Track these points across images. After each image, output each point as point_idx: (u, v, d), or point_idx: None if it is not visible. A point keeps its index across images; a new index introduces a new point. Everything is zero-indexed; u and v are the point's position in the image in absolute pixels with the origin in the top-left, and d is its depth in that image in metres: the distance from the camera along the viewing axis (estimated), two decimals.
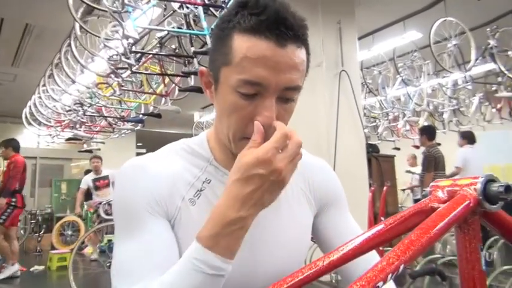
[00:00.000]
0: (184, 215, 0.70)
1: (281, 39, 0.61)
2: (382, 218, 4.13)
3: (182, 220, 0.70)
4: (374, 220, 3.92)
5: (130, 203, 0.68)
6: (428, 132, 4.96)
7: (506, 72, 5.08)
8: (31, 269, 5.44)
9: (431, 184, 0.57)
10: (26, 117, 6.74)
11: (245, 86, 0.63)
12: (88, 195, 6.37)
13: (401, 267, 0.40)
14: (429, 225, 0.45)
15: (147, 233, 0.65)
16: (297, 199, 0.82)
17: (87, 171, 8.53)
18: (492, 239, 3.93)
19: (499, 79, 5.48)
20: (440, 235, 0.45)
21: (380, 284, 0.38)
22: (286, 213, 0.79)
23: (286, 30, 0.61)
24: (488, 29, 5.01)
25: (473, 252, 0.52)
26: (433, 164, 4.69)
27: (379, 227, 0.52)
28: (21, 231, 7.35)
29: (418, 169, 6.02)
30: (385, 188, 4.27)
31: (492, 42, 4.93)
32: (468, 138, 5.75)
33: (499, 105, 6.60)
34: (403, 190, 6.20)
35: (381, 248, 3.04)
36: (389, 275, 0.38)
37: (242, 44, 0.62)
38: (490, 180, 0.51)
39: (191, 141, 0.79)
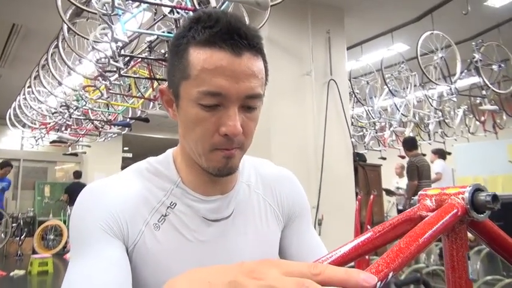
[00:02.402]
0: (148, 240, 0.69)
1: (236, 48, 0.62)
2: (369, 227, 4.15)
3: (146, 245, 0.68)
4: (360, 229, 3.93)
5: (81, 225, 0.66)
6: (407, 144, 5.14)
7: (490, 85, 5.18)
8: (11, 274, 5.32)
9: (419, 193, 0.58)
10: (10, 118, 6.63)
11: (206, 98, 0.63)
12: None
13: (390, 274, 0.39)
14: (418, 233, 0.45)
15: (95, 256, 0.63)
16: (265, 216, 0.81)
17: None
18: (476, 248, 3.98)
19: (483, 92, 5.58)
20: (428, 243, 0.45)
21: None
22: (254, 234, 0.78)
23: (240, 39, 0.62)
24: (473, 43, 5.12)
25: (460, 261, 0.52)
26: (416, 173, 4.79)
27: (368, 234, 0.51)
28: (2, 235, 7.20)
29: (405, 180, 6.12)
30: (371, 197, 4.29)
31: (477, 56, 5.03)
32: (439, 153, 6.30)
33: (483, 118, 6.73)
34: (389, 194, 6.30)
35: (366, 257, 3.05)
36: (379, 283, 0.38)
37: (198, 56, 0.63)
38: (477, 190, 0.51)
39: (156, 160, 0.76)
